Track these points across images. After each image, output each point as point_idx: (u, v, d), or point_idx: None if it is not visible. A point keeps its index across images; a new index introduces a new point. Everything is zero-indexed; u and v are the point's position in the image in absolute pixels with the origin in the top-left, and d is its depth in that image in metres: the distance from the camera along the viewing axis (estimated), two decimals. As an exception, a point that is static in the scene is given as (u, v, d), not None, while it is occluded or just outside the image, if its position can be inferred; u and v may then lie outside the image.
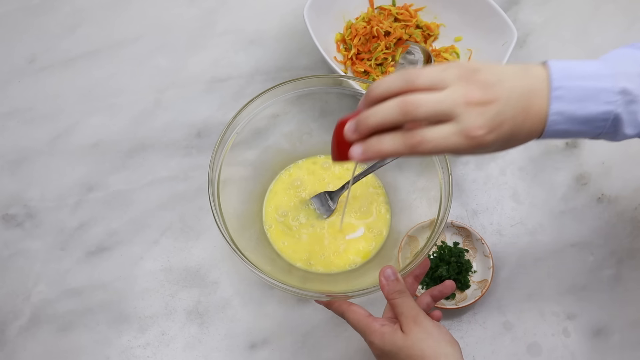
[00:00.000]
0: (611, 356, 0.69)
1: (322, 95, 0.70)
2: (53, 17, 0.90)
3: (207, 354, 0.69)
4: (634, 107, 0.43)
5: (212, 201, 0.61)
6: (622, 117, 0.43)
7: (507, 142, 0.44)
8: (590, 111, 0.43)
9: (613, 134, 0.45)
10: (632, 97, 0.43)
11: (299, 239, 0.71)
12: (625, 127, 0.44)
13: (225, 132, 0.64)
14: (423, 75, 0.42)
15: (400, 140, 0.43)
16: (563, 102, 0.43)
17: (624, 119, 0.43)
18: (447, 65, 0.43)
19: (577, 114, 0.43)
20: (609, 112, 0.43)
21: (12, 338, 0.70)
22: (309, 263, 0.70)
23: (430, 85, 0.42)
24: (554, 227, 0.76)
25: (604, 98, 0.43)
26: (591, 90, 0.43)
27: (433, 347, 0.49)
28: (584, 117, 0.43)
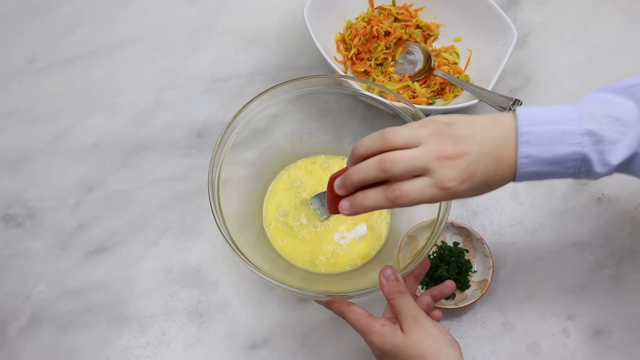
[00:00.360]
0: (611, 356, 0.69)
1: (322, 95, 0.70)
2: (53, 17, 0.90)
3: (207, 354, 0.69)
4: (600, 147, 0.45)
5: (212, 201, 0.61)
6: (591, 157, 0.45)
7: (481, 189, 0.47)
8: (557, 153, 0.45)
9: (587, 172, 0.47)
10: (598, 138, 0.45)
11: (299, 238, 0.71)
12: (595, 166, 0.46)
13: (225, 132, 0.64)
14: (399, 134, 0.46)
15: (382, 195, 0.47)
16: (530, 146, 0.45)
17: (593, 159, 0.45)
18: (423, 122, 0.47)
19: (544, 156, 0.45)
20: (577, 153, 0.45)
21: (12, 338, 0.70)
22: (309, 263, 0.70)
23: (405, 144, 0.46)
24: (554, 227, 0.76)
25: (570, 140, 0.45)
26: (557, 133, 0.45)
27: (433, 347, 0.50)
28: (552, 158, 0.45)
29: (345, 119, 0.75)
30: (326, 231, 0.71)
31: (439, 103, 0.82)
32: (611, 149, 0.45)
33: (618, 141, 0.45)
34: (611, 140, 0.45)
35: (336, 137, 0.76)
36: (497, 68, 0.77)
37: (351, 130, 0.75)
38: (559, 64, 0.87)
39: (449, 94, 0.82)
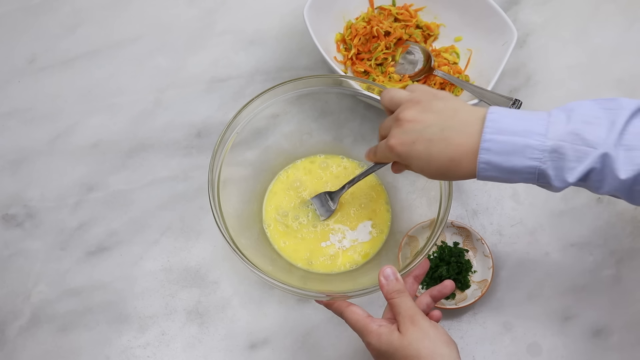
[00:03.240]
0: (611, 356, 0.69)
1: (322, 95, 0.70)
2: (53, 17, 0.90)
3: (207, 354, 0.69)
4: (560, 164, 0.46)
5: (212, 201, 0.61)
6: (548, 173, 0.46)
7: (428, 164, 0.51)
8: (515, 164, 0.47)
9: (546, 185, 0.48)
10: (558, 155, 0.46)
11: (299, 238, 0.71)
12: (553, 181, 0.46)
13: (225, 132, 0.64)
14: (385, 96, 0.56)
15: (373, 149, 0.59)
16: (490, 154, 0.47)
17: (550, 175, 0.46)
18: (416, 87, 0.55)
19: (503, 165, 0.47)
20: (534, 167, 0.46)
21: (12, 338, 0.70)
22: (309, 263, 0.70)
23: (388, 106, 0.56)
24: (554, 227, 0.76)
25: (529, 154, 0.46)
26: (518, 145, 0.46)
27: (429, 348, 0.49)
28: (510, 168, 0.47)
29: (345, 119, 0.75)
30: (326, 231, 0.72)
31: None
32: (570, 167, 0.45)
33: (578, 160, 0.45)
34: (571, 159, 0.45)
35: (336, 137, 0.76)
36: (497, 68, 0.77)
37: (351, 130, 0.75)
38: (559, 64, 0.87)
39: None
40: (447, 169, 0.50)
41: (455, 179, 0.51)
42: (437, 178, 0.52)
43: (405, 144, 0.51)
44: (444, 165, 0.50)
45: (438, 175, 0.51)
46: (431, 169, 0.51)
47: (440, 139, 0.50)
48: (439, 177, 0.52)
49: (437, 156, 0.50)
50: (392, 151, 0.52)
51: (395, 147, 0.52)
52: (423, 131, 0.50)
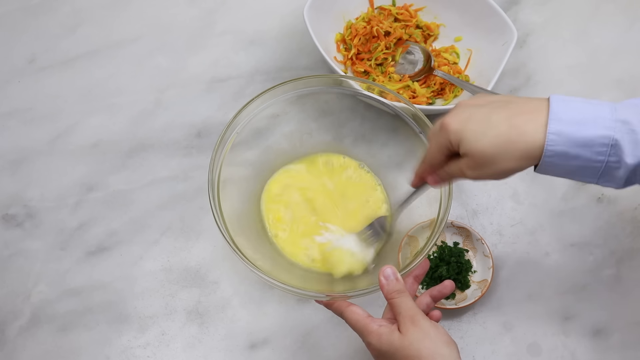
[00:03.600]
0: (611, 356, 0.69)
1: (322, 95, 0.70)
2: (53, 17, 0.90)
3: (207, 354, 0.69)
4: (633, 137, 0.44)
5: (212, 201, 0.61)
6: (622, 144, 0.44)
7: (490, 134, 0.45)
8: (588, 134, 0.44)
9: (616, 164, 0.45)
10: (631, 127, 0.44)
11: (299, 238, 0.71)
12: (625, 155, 0.44)
13: (225, 132, 0.64)
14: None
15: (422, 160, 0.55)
16: (561, 123, 0.44)
17: (624, 146, 0.44)
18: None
19: (575, 135, 0.44)
20: (608, 137, 0.44)
21: (12, 338, 0.70)
22: (310, 262, 0.69)
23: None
24: (554, 227, 0.76)
25: (603, 123, 0.44)
26: (590, 115, 0.44)
27: (430, 348, 0.49)
28: (583, 139, 0.44)
29: (346, 119, 0.75)
30: (327, 231, 0.71)
31: (439, 103, 0.82)
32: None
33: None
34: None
35: (336, 137, 0.76)
36: (497, 68, 0.77)
37: (351, 130, 0.75)
38: (559, 64, 0.87)
39: (449, 94, 0.82)
40: (506, 139, 0.45)
41: (506, 163, 0.46)
42: (486, 163, 0.46)
43: (461, 119, 0.47)
44: (504, 134, 0.44)
45: (490, 152, 0.45)
46: (486, 140, 0.45)
47: (503, 107, 0.46)
48: (489, 158, 0.46)
49: (497, 124, 0.45)
50: (444, 129, 0.47)
51: (448, 123, 0.47)
52: (482, 105, 0.47)
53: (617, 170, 0.45)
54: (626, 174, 0.45)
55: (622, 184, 0.47)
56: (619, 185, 0.47)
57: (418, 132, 0.66)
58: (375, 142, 0.75)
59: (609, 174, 0.46)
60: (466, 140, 0.46)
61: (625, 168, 0.44)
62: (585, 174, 0.46)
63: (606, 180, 0.47)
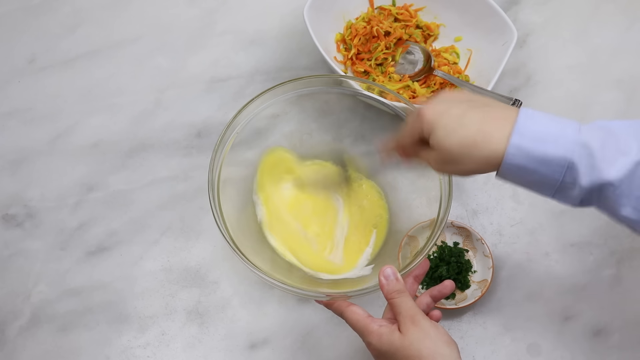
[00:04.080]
0: (611, 356, 0.69)
1: (322, 95, 0.70)
2: (53, 17, 0.90)
3: (207, 354, 0.69)
4: (590, 161, 0.44)
5: (212, 201, 0.61)
6: (578, 167, 0.44)
7: (459, 133, 0.47)
8: (547, 152, 0.45)
9: (570, 186, 0.46)
10: (590, 151, 0.44)
11: (298, 237, 0.71)
12: (581, 178, 0.45)
13: (225, 132, 0.64)
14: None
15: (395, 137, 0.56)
16: (523, 138, 0.45)
17: (580, 169, 0.44)
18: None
19: (534, 152, 0.45)
20: (565, 158, 0.45)
21: (12, 338, 0.70)
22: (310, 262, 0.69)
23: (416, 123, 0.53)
24: (554, 227, 0.76)
25: (563, 144, 0.45)
26: (552, 134, 0.45)
27: (430, 348, 0.49)
28: (541, 156, 0.45)
29: (346, 119, 0.75)
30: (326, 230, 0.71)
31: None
32: (601, 166, 0.44)
33: (610, 161, 0.44)
34: (602, 159, 0.44)
35: (336, 137, 0.76)
36: (497, 68, 0.77)
37: (351, 130, 0.75)
38: (559, 64, 0.87)
39: (449, 94, 0.82)
40: (473, 142, 0.46)
41: (469, 165, 0.47)
42: (450, 160, 0.48)
43: (438, 111, 0.48)
44: (471, 137, 0.46)
45: (456, 151, 0.47)
46: (454, 139, 0.47)
47: (478, 109, 0.47)
48: (454, 157, 0.48)
49: (468, 125, 0.47)
50: (420, 116, 0.49)
51: (425, 113, 0.49)
52: (461, 102, 0.49)
53: (571, 190, 0.46)
54: (581, 194, 0.46)
55: (577, 203, 0.47)
56: (574, 204, 0.48)
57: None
58: (375, 142, 0.75)
59: (564, 192, 0.47)
60: (437, 133, 0.48)
61: (579, 189, 0.45)
62: (542, 189, 0.48)
63: (561, 197, 0.48)
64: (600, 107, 0.84)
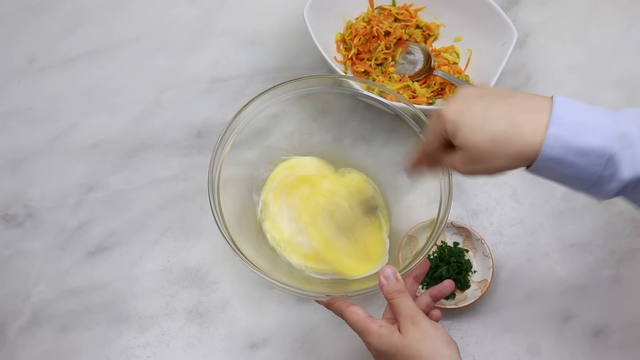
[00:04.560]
0: (611, 356, 0.69)
1: (322, 95, 0.70)
2: (53, 17, 0.90)
3: (207, 354, 0.69)
4: (631, 151, 0.43)
5: (212, 201, 0.61)
6: (619, 158, 0.43)
7: (487, 128, 0.44)
8: (587, 142, 0.42)
9: (609, 179, 0.44)
10: (630, 141, 0.43)
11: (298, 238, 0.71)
12: (621, 170, 0.43)
13: (225, 132, 0.64)
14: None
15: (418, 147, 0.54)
16: (561, 128, 0.43)
17: (621, 161, 0.43)
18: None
19: (574, 142, 0.43)
20: (606, 148, 0.43)
21: (12, 338, 0.70)
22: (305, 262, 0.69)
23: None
24: (554, 227, 0.76)
25: (603, 133, 0.43)
26: (591, 122, 0.43)
27: (430, 348, 0.49)
28: (581, 147, 0.43)
29: (346, 119, 0.75)
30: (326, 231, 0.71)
31: (439, 103, 0.82)
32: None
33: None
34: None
35: (336, 137, 0.76)
36: (497, 68, 0.77)
37: (351, 130, 0.75)
38: (559, 64, 0.87)
39: (449, 94, 0.82)
40: (504, 137, 0.43)
41: (500, 161, 0.44)
42: (479, 159, 0.45)
43: (459, 110, 0.45)
44: (501, 131, 0.43)
45: (486, 148, 0.44)
46: (483, 135, 0.44)
47: (503, 102, 0.44)
48: (483, 155, 0.45)
49: (496, 119, 0.44)
50: (441, 117, 0.46)
51: (446, 113, 0.46)
52: (482, 96, 0.46)
53: (609, 183, 0.44)
54: (617, 187, 0.44)
55: (610, 196, 0.46)
56: (606, 197, 0.46)
57: (418, 132, 0.66)
58: (375, 142, 0.74)
59: (600, 186, 0.45)
60: (462, 132, 0.45)
61: (617, 182, 0.44)
62: (577, 183, 0.45)
63: (596, 191, 0.46)
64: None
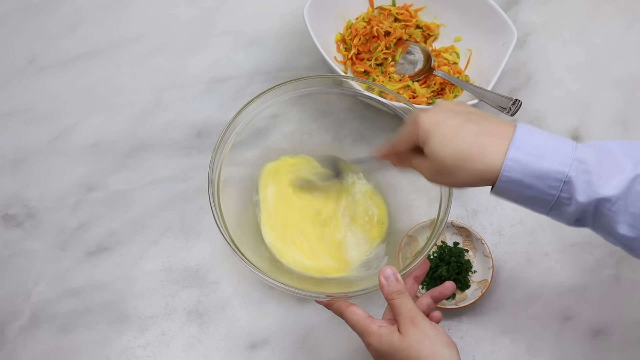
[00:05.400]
0: (611, 356, 0.69)
1: (322, 95, 0.70)
2: (53, 17, 0.90)
3: (207, 354, 0.69)
4: (587, 177, 0.44)
5: (212, 201, 0.61)
6: (575, 182, 0.44)
7: (454, 145, 0.47)
8: (544, 166, 0.45)
9: (567, 202, 0.46)
10: (587, 167, 0.44)
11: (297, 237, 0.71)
12: (577, 194, 0.44)
13: (225, 132, 0.64)
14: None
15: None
16: (520, 152, 0.45)
17: (577, 185, 0.44)
18: None
19: (531, 166, 0.45)
20: (562, 173, 0.44)
21: (12, 338, 0.70)
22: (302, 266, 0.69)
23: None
24: (554, 227, 0.76)
25: (560, 159, 0.45)
26: (549, 149, 0.45)
27: (430, 349, 0.49)
28: (538, 170, 0.45)
29: (346, 119, 0.75)
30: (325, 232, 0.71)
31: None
32: (598, 182, 0.44)
33: (606, 178, 0.44)
34: (599, 175, 0.44)
35: (336, 137, 0.76)
36: (497, 68, 0.77)
37: (351, 130, 0.75)
38: (559, 64, 0.87)
39: (449, 94, 0.82)
40: (468, 155, 0.46)
41: (462, 178, 0.47)
42: (443, 171, 0.48)
43: (435, 121, 0.48)
44: (466, 149, 0.46)
45: (450, 163, 0.47)
46: (449, 150, 0.47)
47: (476, 122, 0.47)
48: (447, 168, 0.47)
49: (464, 137, 0.46)
50: (416, 124, 0.49)
51: (421, 121, 0.48)
52: (459, 113, 0.48)
53: (567, 206, 0.46)
54: (576, 212, 0.46)
55: (573, 222, 0.48)
56: (569, 222, 0.48)
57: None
58: (375, 142, 0.74)
59: (560, 209, 0.47)
60: (432, 143, 0.48)
61: (575, 206, 0.45)
62: (537, 205, 0.47)
63: (556, 215, 0.48)
64: (600, 107, 0.84)
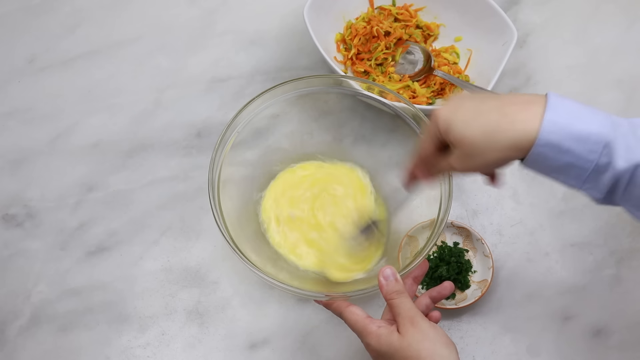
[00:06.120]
0: (611, 356, 0.69)
1: (322, 95, 0.70)
2: (53, 17, 0.90)
3: (207, 354, 0.69)
4: (627, 140, 0.43)
5: (212, 201, 0.61)
6: (616, 146, 0.43)
7: (479, 120, 0.45)
8: (584, 127, 0.43)
9: (604, 169, 0.44)
10: (623, 131, 0.43)
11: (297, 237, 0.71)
12: (617, 158, 0.43)
13: (225, 132, 0.64)
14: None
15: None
16: (558, 114, 0.43)
17: (617, 148, 0.43)
18: None
19: (571, 127, 0.43)
20: (603, 134, 0.43)
21: (12, 338, 0.70)
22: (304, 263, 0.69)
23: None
24: (554, 227, 0.76)
25: (598, 120, 0.43)
26: (586, 112, 0.44)
27: (429, 349, 0.49)
28: (578, 132, 0.43)
29: (346, 119, 0.75)
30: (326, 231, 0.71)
31: (439, 103, 0.82)
32: (636, 146, 0.42)
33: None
34: (637, 139, 0.42)
35: (336, 137, 0.76)
36: (497, 68, 0.77)
37: (351, 130, 0.75)
38: (559, 64, 0.87)
39: (449, 94, 0.82)
40: (495, 127, 0.43)
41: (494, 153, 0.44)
42: (474, 152, 0.45)
43: (451, 108, 0.47)
44: (493, 121, 0.43)
45: (479, 140, 0.44)
46: (475, 127, 0.44)
47: (494, 99, 0.45)
48: (477, 147, 0.45)
49: (487, 111, 0.44)
50: (434, 118, 0.48)
51: (438, 113, 0.47)
52: (474, 97, 0.47)
53: (603, 174, 0.44)
54: (611, 181, 0.44)
55: (604, 193, 0.46)
56: (601, 193, 0.46)
57: (418, 132, 0.66)
58: (375, 142, 0.75)
59: (595, 178, 0.45)
60: (454, 127, 0.46)
61: (612, 172, 0.44)
62: (572, 174, 0.45)
63: (590, 187, 0.46)
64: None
